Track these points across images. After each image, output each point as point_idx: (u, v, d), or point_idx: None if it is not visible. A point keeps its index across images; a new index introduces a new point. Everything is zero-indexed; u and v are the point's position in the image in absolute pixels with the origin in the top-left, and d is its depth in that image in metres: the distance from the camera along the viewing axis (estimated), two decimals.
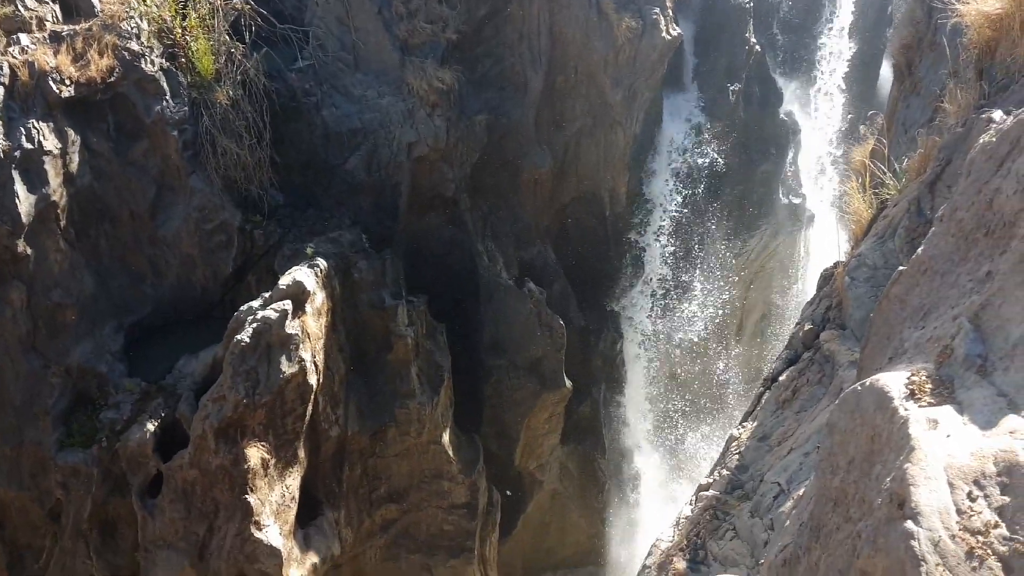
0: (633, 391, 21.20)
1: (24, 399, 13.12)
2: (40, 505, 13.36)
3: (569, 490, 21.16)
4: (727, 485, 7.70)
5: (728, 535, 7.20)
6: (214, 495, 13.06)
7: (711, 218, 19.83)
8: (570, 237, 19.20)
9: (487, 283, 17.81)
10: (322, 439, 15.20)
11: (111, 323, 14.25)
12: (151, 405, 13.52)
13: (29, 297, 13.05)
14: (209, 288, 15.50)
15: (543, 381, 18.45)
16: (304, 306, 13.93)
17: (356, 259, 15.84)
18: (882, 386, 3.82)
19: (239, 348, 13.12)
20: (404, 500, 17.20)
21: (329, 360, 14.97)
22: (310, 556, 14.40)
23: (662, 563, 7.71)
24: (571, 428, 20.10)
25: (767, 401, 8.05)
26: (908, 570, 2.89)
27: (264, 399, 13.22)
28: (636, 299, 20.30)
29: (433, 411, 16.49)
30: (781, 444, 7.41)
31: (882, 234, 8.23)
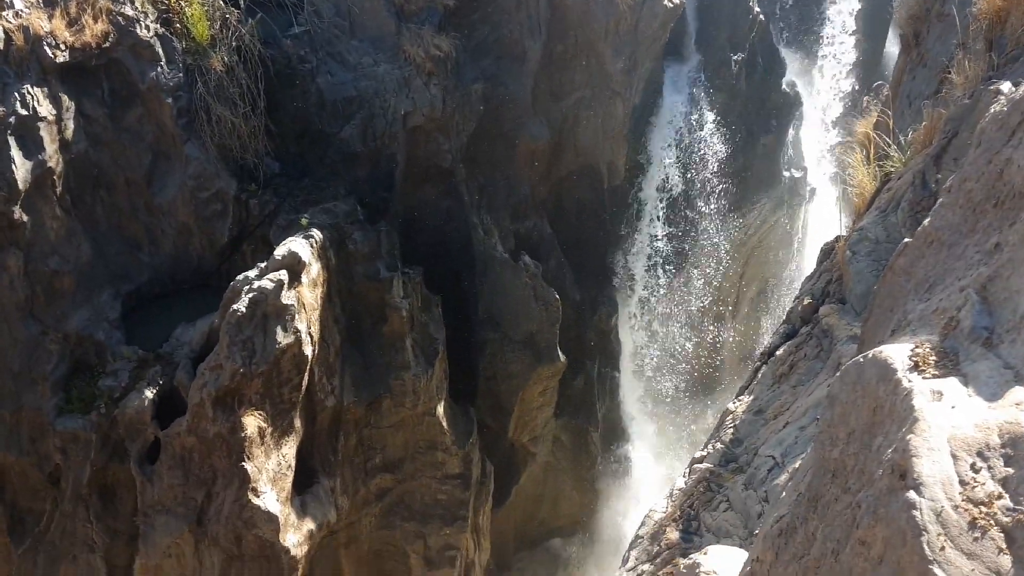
0: (628, 365, 21.26)
1: (22, 365, 13.13)
2: (40, 470, 13.44)
3: (562, 462, 21.32)
4: (721, 458, 7.77)
5: (722, 507, 7.28)
6: (212, 462, 13.15)
7: (711, 191, 19.74)
8: (567, 210, 19.12)
9: (482, 256, 17.78)
10: (318, 409, 15.28)
11: (108, 291, 14.24)
12: (149, 373, 13.57)
13: (26, 264, 13.03)
14: (205, 257, 15.48)
15: (537, 355, 18.51)
16: (299, 277, 13.94)
17: (351, 230, 15.80)
18: (885, 357, 3.83)
19: (235, 318, 13.14)
20: (399, 470, 17.34)
21: (324, 331, 15.00)
22: (307, 522, 14.54)
23: (655, 533, 7.80)
24: (565, 401, 20.20)
25: (764, 375, 8.10)
26: (909, 540, 2.92)
27: (260, 369, 13.27)
28: (632, 273, 20.26)
29: (428, 383, 16.56)
30: (777, 418, 7.47)
31: (885, 208, 8.23)
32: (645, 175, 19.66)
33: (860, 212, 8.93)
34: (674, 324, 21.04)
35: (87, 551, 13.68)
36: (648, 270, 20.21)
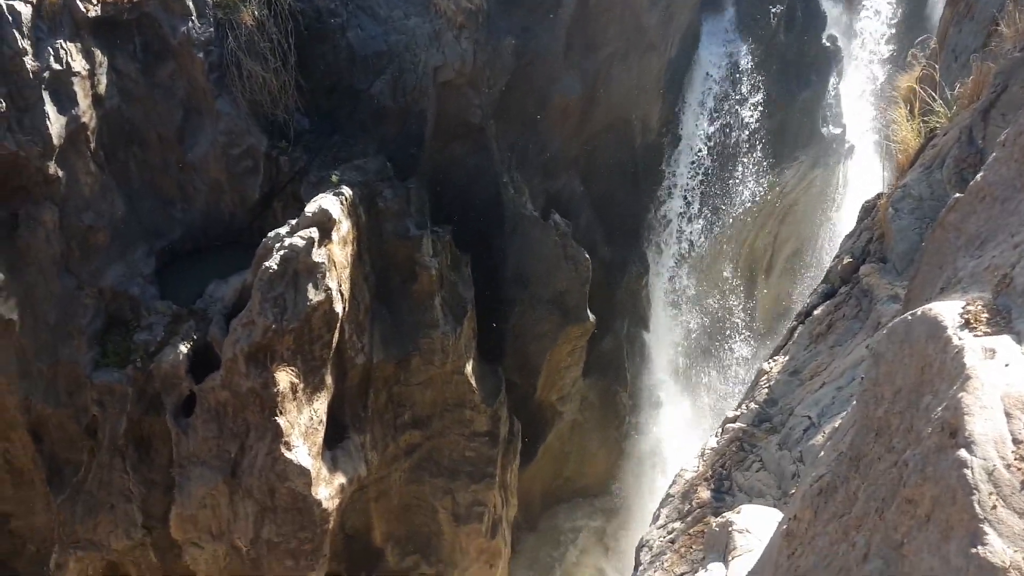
0: (658, 326, 21.10)
1: (58, 318, 13.33)
2: (77, 422, 13.71)
3: (589, 422, 21.37)
4: (755, 418, 7.70)
5: (754, 467, 7.23)
6: (245, 416, 13.34)
7: (747, 148, 19.30)
8: (598, 168, 18.82)
9: (512, 214, 17.65)
10: (348, 366, 15.40)
11: (142, 247, 14.37)
12: (183, 328, 13.72)
13: (61, 219, 13.16)
14: (237, 214, 15.54)
15: (566, 314, 18.44)
16: (330, 234, 13.96)
17: (381, 187, 15.76)
18: (935, 315, 3.72)
19: (267, 275, 13.22)
20: (427, 427, 17.50)
21: (355, 289, 15.06)
22: (338, 477, 14.75)
23: (686, 492, 7.78)
24: (593, 361, 20.16)
25: (800, 335, 7.98)
26: (959, 498, 2.85)
27: (292, 325, 13.37)
28: (665, 232, 19.98)
29: (456, 342, 16.61)
30: (813, 378, 7.37)
31: (929, 164, 8.01)
32: (679, 131, 19.27)
33: (903, 169, 8.70)
34: (706, 284, 20.78)
35: (124, 501, 13.99)
36: (681, 229, 19.90)
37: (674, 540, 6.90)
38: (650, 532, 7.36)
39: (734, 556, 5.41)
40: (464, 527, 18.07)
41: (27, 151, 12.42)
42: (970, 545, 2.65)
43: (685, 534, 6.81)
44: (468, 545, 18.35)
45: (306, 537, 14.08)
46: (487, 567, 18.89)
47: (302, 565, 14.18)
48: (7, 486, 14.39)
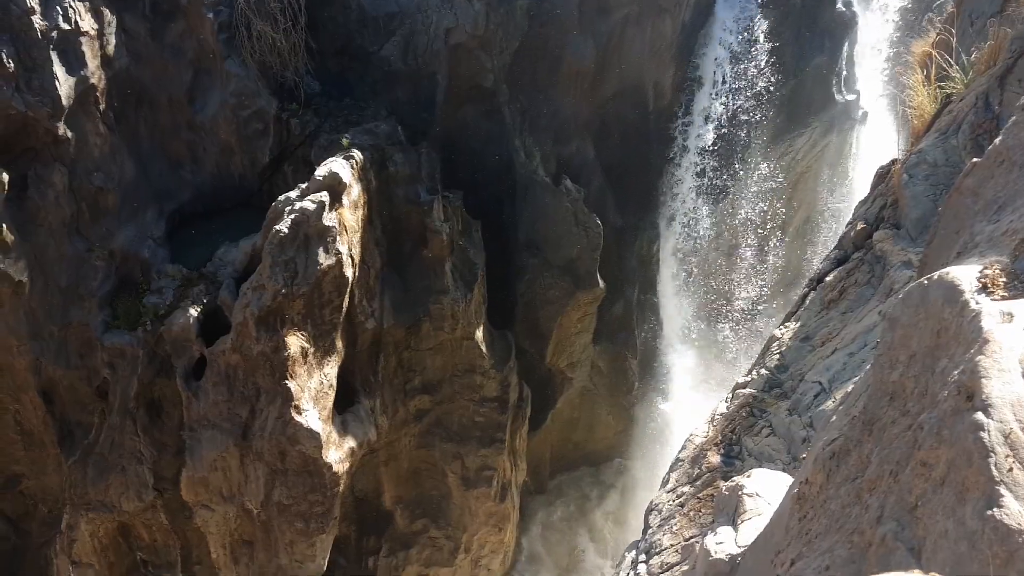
0: (668, 292, 21.03)
1: (69, 281, 13.37)
2: (88, 383, 13.79)
3: (599, 388, 21.39)
4: (765, 384, 7.68)
5: (764, 432, 7.23)
6: (255, 380, 13.39)
7: (760, 114, 19.04)
8: (610, 133, 18.63)
9: (523, 180, 17.54)
10: (358, 331, 15.42)
11: (152, 209, 14.35)
12: (193, 291, 13.74)
13: (71, 180, 13.13)
14: (247, 177, 15.49)
15: (577, 280, 18.38)
16: (340, 198, 13.89)
17: (392, 152, 15.65)
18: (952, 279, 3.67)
19: (278, 238, 13.19)
20: (437, 392, 17.55)
21: (365, 254, 15.03)
22: (348, 440, 14.83)
23: (695, 457, 7.80)
24: (603, 327, 20.13)
25: (812, 302, 7.93)
26: (975, 461, 2.82)
27: (302, 289, 13.36)
28: (676, 198, 19.82)
29: (467, 307, 16.59)
30: (824, 344, 7.34)
31: (945, 130, 7.90)
32: (692, 96, 19.01)
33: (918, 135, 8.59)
34: (718, 250, 20.64)
35: (135, 463, 14.11)
36: (693, 195, 19.72)
37: (683, 504, 6.93)
38: (659, 496, 7.39)
39: (744, 519, 5.42)
40: (473, 491, 18.20)
41: (36, 112, 12.36)
42: (986, 507, 2.62)
43: (694, 498, 6.83)
44: (477, 509, 18.50)
45: (316, 500, 14.20)
46: (496, 530, 19.07)
47: (312, 527, 14.32)
48: (18, 448, 14.54)
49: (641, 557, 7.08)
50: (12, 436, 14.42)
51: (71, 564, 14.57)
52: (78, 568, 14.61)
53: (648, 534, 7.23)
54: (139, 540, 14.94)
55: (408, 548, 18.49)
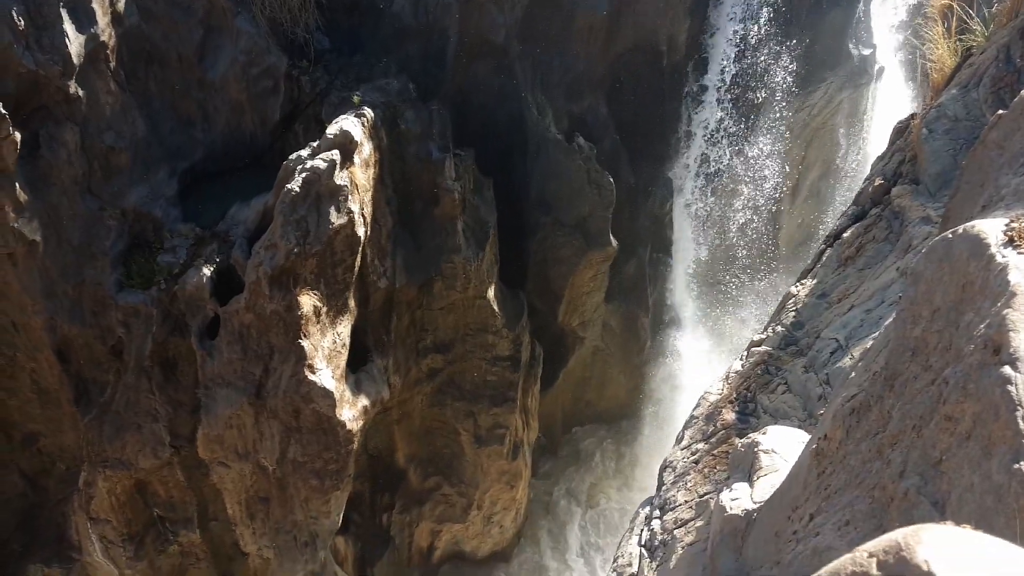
0: (681, 251, 20.93)
1: (82, 240, 13.38)
2: (103, 342, 13.87)
3: (611, 347, 21.43)
4: (781, 341, 7.65)
5: (780, 389, 7.21)
6: (269, 339, 13.45)
7: (774, 69, 18.73)
8: (624, 89, 18.37)
9: (535, 137, 17.37)
10: (371, 290, 15.44)
11: (164, 168, 14.30)
12: (206, 250, 13.75)
13: (82, 139, 13.08)
14: (258, 135, 15.40)
15: (589, 239, 18.30)
16: (352, 157, 13.81)
17: (403, 109, 15.50)
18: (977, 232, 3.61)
19: (289, 197, 13.14)
20: (450, 351, 17.61)
21: (377, 212, 14.97)
22: (361, 399, 14.94)
23: (710, 414, 7.80)
24: (615, 287, 20.10)
25: (829, 258, 7.87)
26: (1003, 415, 2.79)
27: (314, 248, 13.35)
28: (690, 156, 19.62)
29: (479, 266, 16.57)
30: (841, 301, 7.29)
31: (966, 84, 7.76)
32: (707, 50, 18.70)
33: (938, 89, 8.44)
34: (731, 208, 20.48)
35: (151, 421, 14.24)
36: (706, 151, 19.50)
37: (698, 460, 6.95)
38: (674, 453, 7.41)
39: (760, 476, 5.42)
40: (485, 449, 18.35)
41: (47, 70, 12.27)
42: (1012, 461, 2.60)
43: (709, 455, 6.84)
44: (489, 466, 18.67)
45: (330, 457, 14.34)
46: (508, 488, 19.26)
47: (327, 485, 14.48)
48: (35, 406, 14.68)
49: (655, 513, 7.12)
50: (28, 394, 14.56)
51: (89, 520, 14.81)
52: (96, 524, 14.85)
53: (662, 490, 7.27)
54: (156, 496, 15.15)
55: (421, 505, 18.72)
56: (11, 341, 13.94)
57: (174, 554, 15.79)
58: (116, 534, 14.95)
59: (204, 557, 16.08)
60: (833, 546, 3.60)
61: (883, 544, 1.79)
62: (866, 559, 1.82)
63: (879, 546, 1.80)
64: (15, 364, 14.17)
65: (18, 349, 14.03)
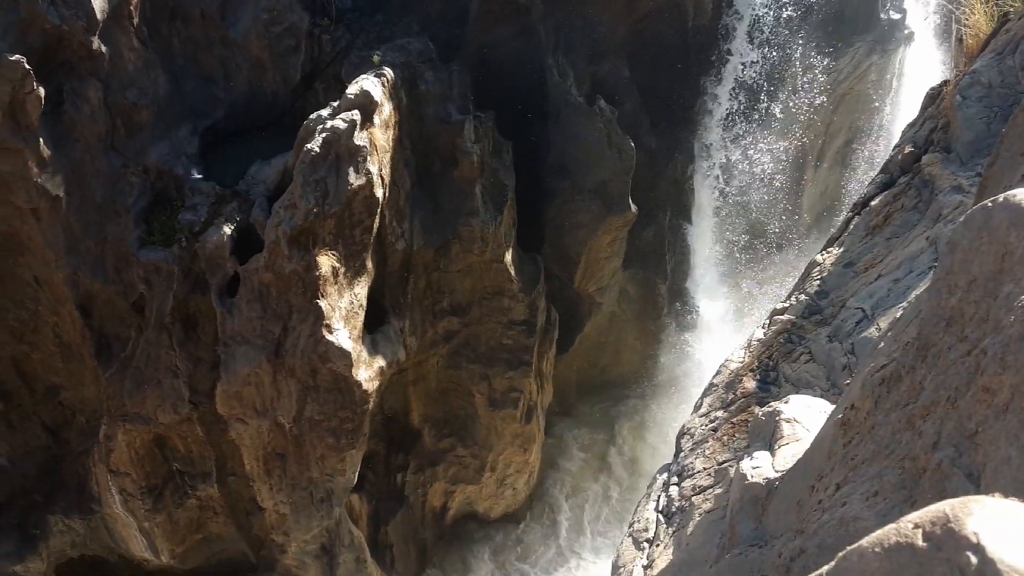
0: (701, 218, 20.73)
1: (105, 196, 13.43)
2: (124, 298, 13.98)
3: (627, 313, 21.39)
4: (805, 309, 7.59)
5: (803, 358, 7.16)
6: (288, 298, 13.51)
7: (802, 33, 18.32)
8: (647, 52, 18.07)
9: (556, 100, 17.19)
10: (388, 252, 15.44)
11: (186, 125, 14.28)
12: (226, 209, 13.77)
13: (105, 96, 13.07)
14: (279, 94, 15.33)
15: (608, 204, 18.18)
16: (372, 117, 13.73)
17: (423, 70, 15.37)
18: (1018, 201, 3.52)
19: (309, 157, 13.12)
20: (466, 314, 17.65)
21: (395, 174, 14.92)
22: (377, 359, 15.02)
23: (730, 382, 7.77)
24: (634, 252, 19.99)
25: (856, 226, 7.76)
26: None
27: (333, 209, 13.35)
28: (712, 120, 19.32)
29: (496, 230, 16.52)
30: (868, 270, 7.20)
31: (1001, 50, 7.58)
32: (732, 13, 18.32)
33: (972, 55, 8.26)
34: (753, 174, 20.18)
35: (171, 376, 14.39)
36: (729, 117, 19.18)
37: (716, 428, 6.94)
38: (692, 420, 7.40)
39: (781, 445, 5.41)
40: (499, 412, 18.46)
41: (71, 26, 12.23)
42: None
43: (728, 423, 6.83)
44: (503, 429, 18.79)
45: (347, 416, 14.47)
46: (521, 451, 19.40)
47: (343, 443, 14.63)
48: (57, 359, 14.86)
49: (673, 480, 7.13)
50: (51, 348, 14.73)
51: (109, 473, 15.04)
52: (116, 477, 15.09)
53: (680, 457, 7.27)
54: (175, 451, 15.36)
55: (435, 466, 18.89)
56: (34, 295, 14.08)
57: (192, 508, 16.05)
58: (135, 487, 15.19)
59: (221, 511, 16.34)
60: (861, 516, 3.58)
61: (930, 515, 1.75)
62: (911, 530, 1.79)
63: (925, 517, 1.77)
64: (38, 318, 14.32)
65: (41, 303, 14.17)
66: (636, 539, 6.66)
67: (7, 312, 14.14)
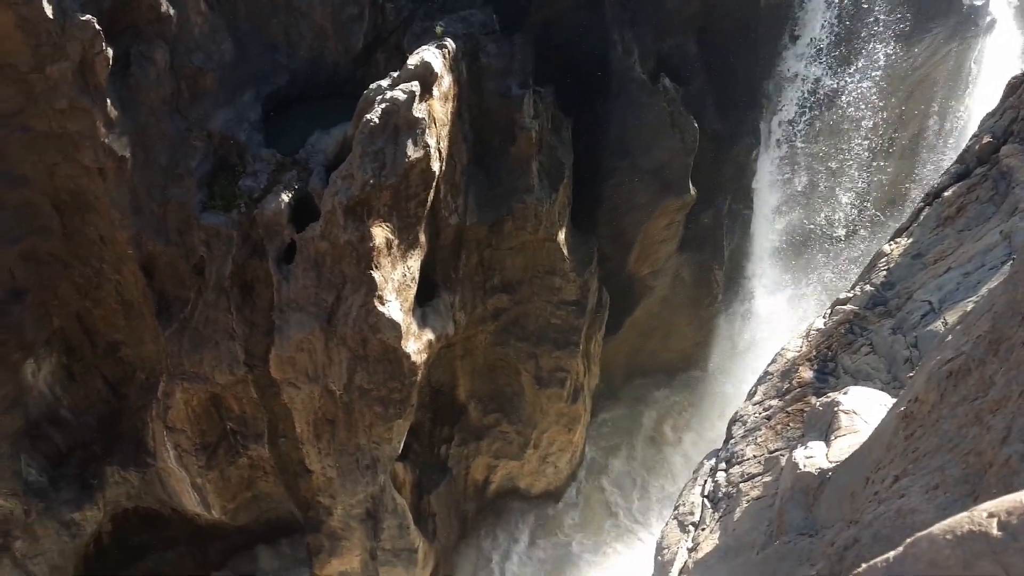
0: (762, 203, 20.18)
1: (169, 159, 13.68)
2: (185, 260, 14.26)
3: (680, 298, 21.11)
4: (869, 301, 7.38)
5: (863, 350, 6.98)
6: (342, 268, 13.62)
7: (878, 15, 17.57)
8: (716, 29, 17.50)
9: (619, 76, 16.89)
10: (442, 226, 15.45)
11: (249, 92, 14.43)
12: (285, 177, 13.91)
13: (172, 59, 13.26)
14: (340, 63, 15.38)
15: (666, 186, 17.89)
16: (431, 89, 13.69)
17: (485, 42, 15.25)
18: None
19: (368, 128, 13.14)
20: (516, 292, 17.61)
21: (452, 148, 14.88)
22: (426, 333, 15.10)
23: (786, 371, 7.62)
24: (690, 236, 19.67)
25: (927, 217, 7.50)
26: None
27: (390, 181, 13.37)
28: (782, 103, 18.70)
29: (551, 208, 16.40)
30: (937, 263, 6.96)
31: None
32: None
33: None
34: (820, 161, 19.55)
35: (227, 339, 14.66)
36: (800, 101, 18.56)
37: (770, 417, 6.81)
38: (745, 408, 7.28)
39: (837, 435, 5.28)
40: (546, 391, 18.44)
41: None
42: None
43: (783, 411, 6.69)
44: (548, 408, 18.78)
45: (395, 387, 14.59)
46: (565, 430, 19.38)
47: (390, 412, 14.77)
48: (119, 316, 15.25)
49: (721, 465, 7.03)
50: (114, 305, 15.12)
51: (165, 429, 15.45)
52: (172, 433, 15.49)
53: (730, 444, 7.16)
54: (230, 411, 15.69)
55: (479, 440, 19.00)
56: (98, 253, 14.45)
57: (243, 466, 16.42)
58: (190, 443, 15.58)
59: (271, 471, 16.69)
60: (919, 509, 3.47)
61: (1006, 505, 1.67)
62: (985, 519, 1.71)
63: (1001, 506, 1.69)
64: (101, 275, 14.70)
65: (105, 261, 14.54)
66: (681, 522, 6.60)
67: (73, 268, 14.54)
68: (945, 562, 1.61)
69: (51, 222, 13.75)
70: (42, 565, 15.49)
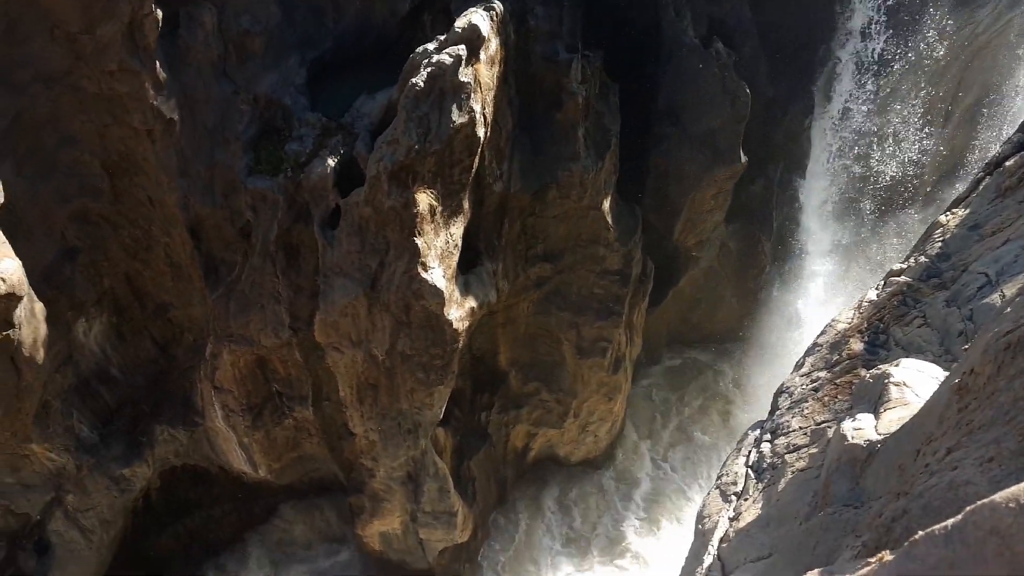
0: (815, 173, 19.64)
1: (216, 122, 13.77)
2: (232, 224, 14.41)
3: (726, 269, 20.79)
4: (923, 272, 7.15)
5: (916, 322, 6.77)
6: (386, 234, 13.64)
7: None
8: None
9: (670, 41, 16.49)
10: (486, 193, 15.36)
11: (295, 56, 14.43)
12: (331, 141, 13.91)
13: (220, 21, 13.29)
14: (387, 26, 15.27)
15: (716, 154, 17.52)
16: (478, 53, 13.52)
17: (533, 4, 14.99)
18: None
19: (413, 92, 13.04)
20: (559, 261, 17.49)
21: (498, 113, 14.73)
22: (469, 300, 15.09)
23: (836, 342, 7.43)
24: (738, 206, 19.28)
25: (986, 188, 7.22)
26: None
27: (434, 147, 13.29)
28: (837, 69, 18.09)
29: (596, 176, 16.19)
30: (995, 234, 6.70)
31: None
32: None
33: None
34: (875, 130, 18.91)
35: (273, 302, 14.84)
36: (856, 67, 17.92)
37: (818, 388, 6.66)
38: (792, 379, 7.13)
39: (887, 408, 5.14)
40: (587, 360, 18.37)
41: None
42: None
43: (831, 383, 6.54)
44: (589, 377, 18.72)
45: (437, 353, 14.64)
46: (606, 400, 19.33)
47: (432, 379, 14.85)
48: (167, 278, 15.52)
49: (766, 436, 6.92)
50: (163, 267, 15.38)
51: (213, 389, 15.76)
52: (219, 393, 15.79)
53: (775, 415, 7.04)
54: (275, 373, 15.92)
55: (519, 408, 19.04)
56: (147, 215, 14.68)
57: (288, 427, 16.71)
58: (237, 404, 15.88)
59: (315, 433, 16.96)
60: (972, 481, 3.35)
61: None
62: None
63: None
64: (150, 237, 14.95)
65: (154, 223, 14.77)
66: (724, 491, 6.52)
67: (122, 229, 14.80)
68: (1008, 530, 1.53)
69: (101, 183, 13.97)
70: (92, 519, 15.98)
